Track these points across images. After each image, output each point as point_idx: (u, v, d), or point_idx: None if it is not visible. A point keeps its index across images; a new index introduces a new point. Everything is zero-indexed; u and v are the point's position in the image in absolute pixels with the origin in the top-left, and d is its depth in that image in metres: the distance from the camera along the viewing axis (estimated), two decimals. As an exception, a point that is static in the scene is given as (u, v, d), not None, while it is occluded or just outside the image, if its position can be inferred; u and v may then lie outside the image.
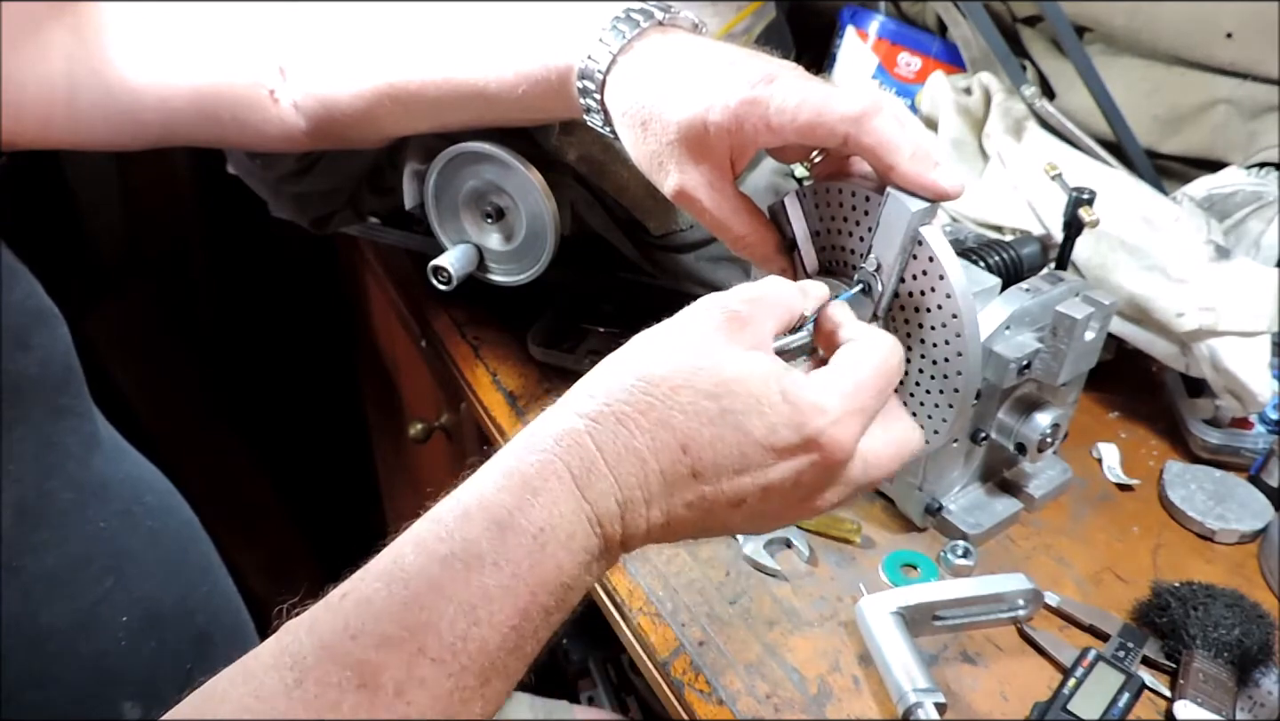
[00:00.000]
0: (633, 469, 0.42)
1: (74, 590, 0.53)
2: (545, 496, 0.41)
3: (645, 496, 0.42)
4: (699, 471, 0.42)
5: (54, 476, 0.54)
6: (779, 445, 0.43)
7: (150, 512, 0.60)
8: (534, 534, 0.40)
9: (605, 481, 0.42)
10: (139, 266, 1.70)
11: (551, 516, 0.41)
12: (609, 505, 0.42)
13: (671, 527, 0.43)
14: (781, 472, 0.43)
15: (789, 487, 0.44)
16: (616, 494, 0.42)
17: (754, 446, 0.42)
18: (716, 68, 0.54)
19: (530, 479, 0.41)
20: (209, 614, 0.61)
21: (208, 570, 0.64)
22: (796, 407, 0.43)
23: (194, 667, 0.58)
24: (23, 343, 0.54)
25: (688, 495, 0.43)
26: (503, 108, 0.63)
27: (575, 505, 0.41)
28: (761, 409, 0.42)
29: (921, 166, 0.51)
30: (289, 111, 0.68)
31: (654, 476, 0.42)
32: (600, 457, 0.42)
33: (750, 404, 0.42)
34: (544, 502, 0.41)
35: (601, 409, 0.42)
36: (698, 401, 0.42)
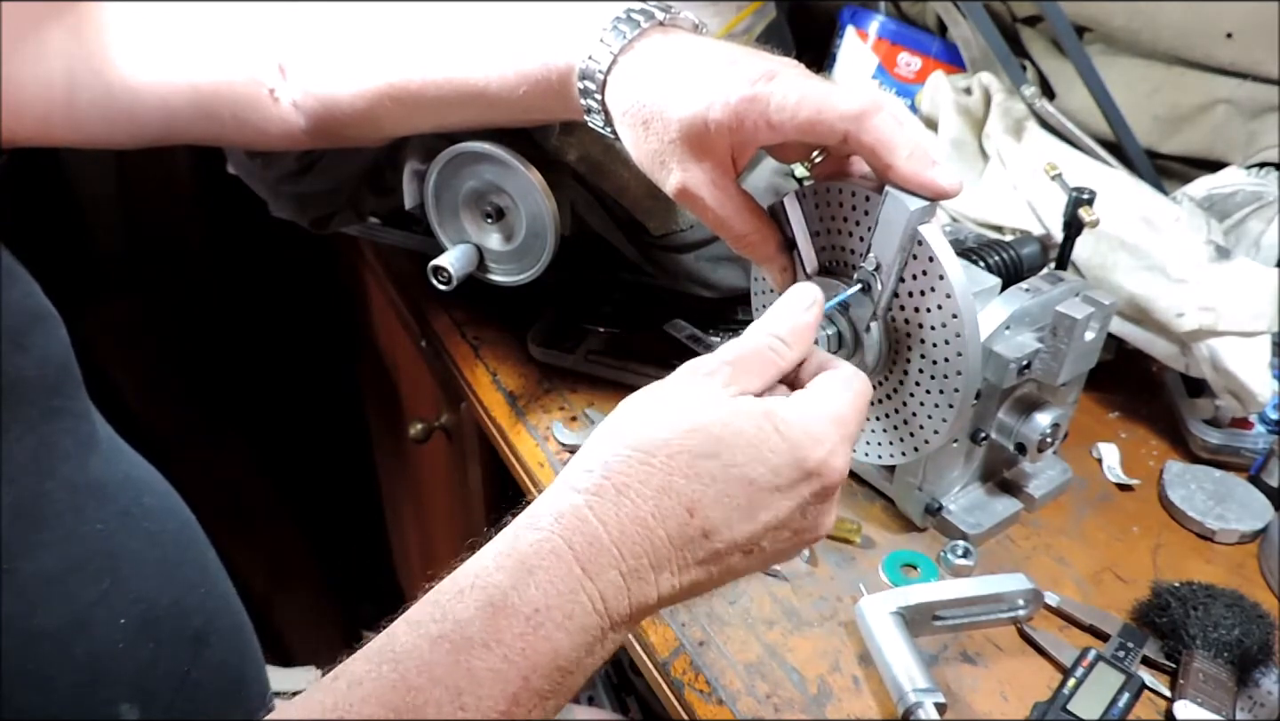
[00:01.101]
0: (638, 539, 0.41)
1: (70, 591, 0.53)
2: (542, 575, 0.40)
3: (652, 563, 0.42)
4: (709, 530, 0.42)
5: (51, 478, 0.54)
6: (783, 483, 0.43)
7: (148, 514, 0.60)
8: (528, 615, 0.39)
9: (608, 555, 0.41)
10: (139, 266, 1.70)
11: (548, 596, 0.40)
12: (612, 578, 0.41)
13: (686, 589, 0.43)
14: (789, 508, 0.44)
15: (797, 519, 0.45)
16: (620, 565, 0.41)
17: (760, 492, 0.43)
18: (717, 66, 0.54)
19: (527, 557, 0.40)
20: (206, 615, 0.60)
21: (205, 571, 0.64)
22: (796, 443, 0.44)
23: (191, 669, 0.58)
24: (19, 344, 0.54)
25: (699, 554, 0.42)
26: (503, 108, 0.63)
27: (574, 584, 0.40)
28: (762, 454, 0.43)
29: (919, 165, 0.51)
30: (289, 110, 0.68)
31: (661, 544, 0.42)
32: (603, 531, 0.41)
33: (750, 453, 0.43)
34: (540, 581, 0.40)
35: (600, 482, 0.42)
36: (696, 463, 0.42)
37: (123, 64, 0.66)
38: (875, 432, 0.65)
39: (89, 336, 1.49)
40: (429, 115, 0.67)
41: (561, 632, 0.39)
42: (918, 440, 0.62)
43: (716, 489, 0.42)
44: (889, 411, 0.63)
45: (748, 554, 0.44)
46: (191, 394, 1.80)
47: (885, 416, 0.64)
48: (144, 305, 1.74)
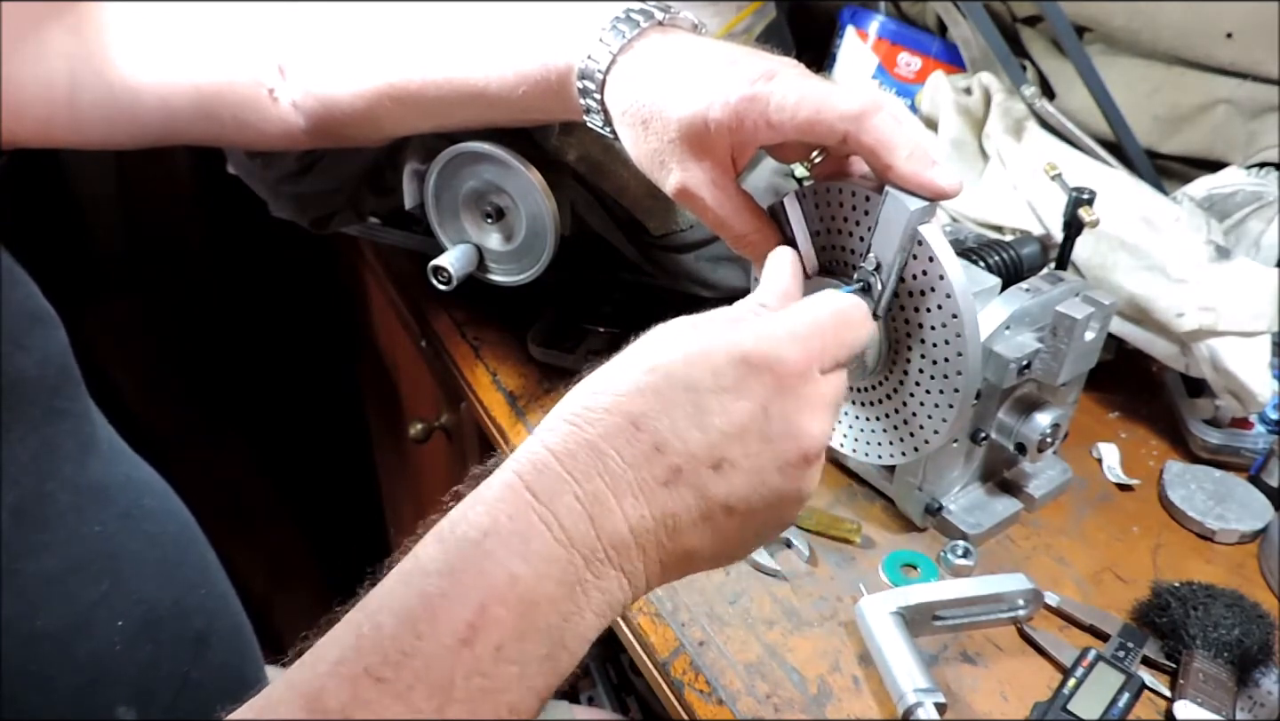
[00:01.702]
0: (588, 461, 0.40)
1: (71, 593, 0.53)
2: (491, 502, 0.39)
3: (610, 486, 0.39)
4: (659, 443, 0.40)
5: (52, 478, 0.54)
6: (728, 383, 0.41)
7: (148, 516, 0.60)
8: (476, 540, 0.38)
9: (559, 480, 0.39)
10: (139, 266, 1.70)
11: (496, 521, 0.38)
12: (568, 503, 0.39)
13: (663, 520, 0.40)
14: (744, 409, 0.41)
15: (760, 422, 0.41)
16: (575, 489, 0.39)
17: (704, 395, 0.41)
18: (717, 66, 0.54)
19: (481, 491, 0.40)
20: (206, 616, 0.60)
21: (205, 572, 0.64)
22: (735, 342, 0.42)
23: (191, 670, 0.58)
24: (20, 344, 0.54)
25: (658, 472, 0.40)
26: (503, 108, 0.63)
27: (524, 508, 0.39)
28: (704, 361, 0.42)
29: (919, 165, 0.51)
30: (288, 110, 0.68)
31: (614, 464, 0.40)
32: (551, 458, 0.40)
33: (691, 360, 0.42)
34: (490, 508, 0.39)
35: (554, 422, 0.42)
36: (640, 379, 0.41)
37: (123, 64, 0.66)
38: (875, 432, 0.65)
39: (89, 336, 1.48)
40: (428, 115, 0.67)
41: (518, 560, 0.38)
42: (918, 440, 0.62)
43: (659, 400, 0.41)
44: (889, 411, 0.63)
45: (717, 469, 0.40)
46: (191, 394, 1.80)
47: (885, 416, 0.64)
48: (144, 305, 1.74)
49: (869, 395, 0.64)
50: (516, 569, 0.38)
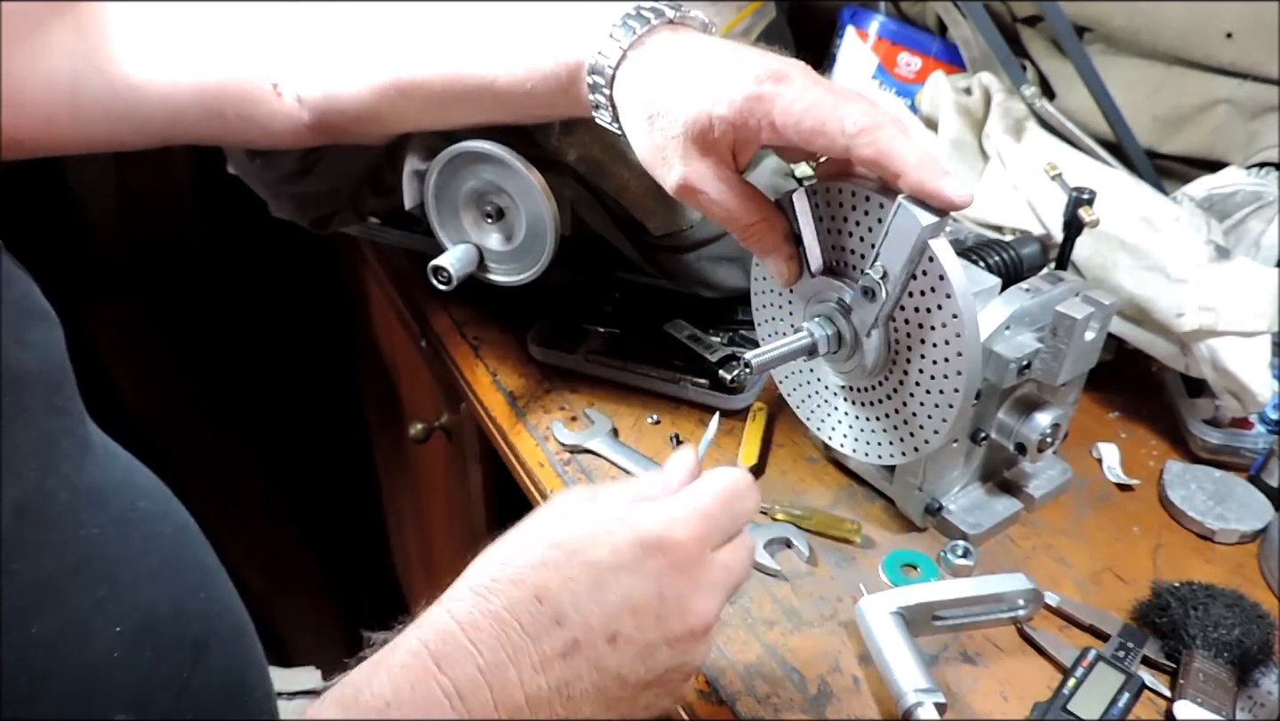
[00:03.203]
0: (492, 632, 0.42)
1: (67, 598, 0.52)
2: (395, 670, 0.41)
3: (510, 657, 0.42)
4: (559, 616, 0.42)
5: (53, 475, 0.54)
6: (626, 560, 0.44)
7: (144, 519, 0.60)
8: (379, 708, 0.40)
9: (462, 650, 0.41)
10: (139, 267, 1.70)
11: (399, 690, 0.40)
12: (468, 673, 0.41)
13: (558, 689, 0.42)
14: (640, 587, 0.44)
15: (656, 601, 0.44)
16: (477, 660, 0.41)
17: (604, 571, 0.43)
18: (725, 64, 0.54)
19: (386, 655, 0.42)
20: (205, 620, 0.60)
21: (204, 575, 0.63)
22: (634, 523, 0.45)
23: (191, 676, 0.57)
24: (20, 340, 0.54)
25: (556, 644, 0.42)
26: (509, 103, 0.63)
27: (426, 676, 0.41)
28: (603, 537, 0.44)
29: (928, 174, 0.51)
30: (293, 106, 0.68)
31: (515, 634, 0.42)
32: (457, 627, 0.42)
33: (592, 538, 0.44)
34: (391, 675, 0.41)
35: (460, 592, 0.44)
36: (545, 553, 0.44)
37: (126, 62, 0.66)
38: (875, 432, 0.65)
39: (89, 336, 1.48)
40: (434, 110, 0.67)
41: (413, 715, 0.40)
42: (918, 440, 0.62)
43: (561, 574, 0.43)
44: (889, 411, 0.63)
45: (612, 643, 0.43)
46: (191, 394, 1.80)
47: (885, 416, 0.64)
48: (144, 305, 1.74)
49: (869, 395, 0.64)
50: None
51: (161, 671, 0.56)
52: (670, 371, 0.79)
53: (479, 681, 0.41)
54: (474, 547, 0.47)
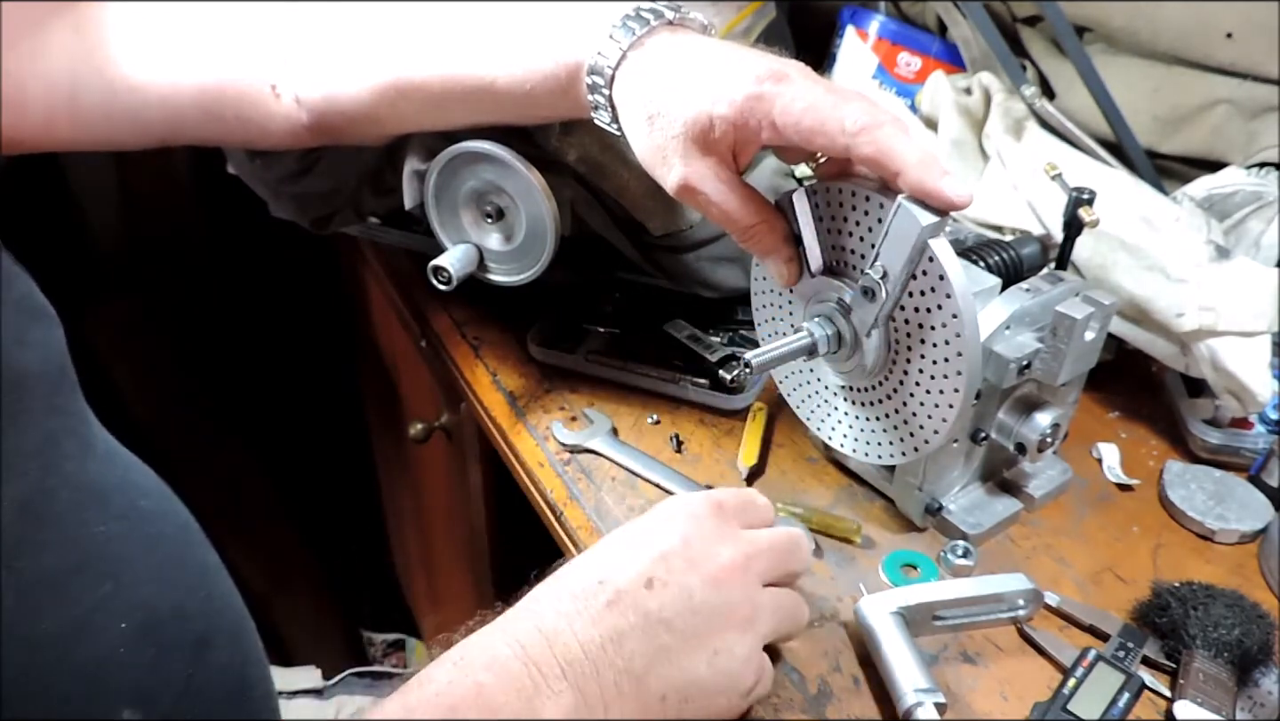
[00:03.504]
0: (547, 592, 0.50)
1: (71, 596, 0.53)
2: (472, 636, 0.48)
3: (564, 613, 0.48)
4: (603, 576, 0.49)
5: (55, 474, 0.54)
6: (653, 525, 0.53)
7: (146, 517, 0.60)
8: (455, 659, 0.47)
9: (525, 613, 0.49)
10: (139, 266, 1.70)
11: (470, 646, 0.48)
12: (528, 629, 0.48)
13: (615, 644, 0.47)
14: (665, 539, 0.51)
15: (682, 547, 0.51)
16: (538, 621, 0.48)
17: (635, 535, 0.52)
18: (725, 64, 0.54)
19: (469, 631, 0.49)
20: (208, 618, 0.60)
21: (206, 573, 0.63)
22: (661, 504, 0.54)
23: (194, 674, 0.57)
24: (21, 340, 0.54)
25: (602, 598, 0.49)
26: (509, 104, 0.63)
27: (494, 633, 0.48)
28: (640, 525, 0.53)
29: (928, 173, 0.51)
30: (291, 107, 0.68)
31: (567, 596, 0.49)
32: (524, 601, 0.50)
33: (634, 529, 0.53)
34: (469, 639, 0.48)
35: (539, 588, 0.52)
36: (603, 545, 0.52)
37: (126, 63, 0.66)
38: (875, 432, 0.65)
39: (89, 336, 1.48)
40: (433, 111, 0.67)
41: (488, 674, 0.45)
42: (918, 440, 0.62)
43: (605, 548, 0.52)
44: (889, 411, 0.63)
45: (649, 587, 0.49)
46: (191, 394, 1.79)
47: (885, 416, 0.64)
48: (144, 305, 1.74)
49: (869, 395, 0.64)
50: (482, 678, 0.45)
51: (164, 669, 0.56)
52: (670, 371, 0.79)
53: (537, 636, 0.47)
54: (474, 547, 0.48)
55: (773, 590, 0.53)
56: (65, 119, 0.66)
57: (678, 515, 0.52)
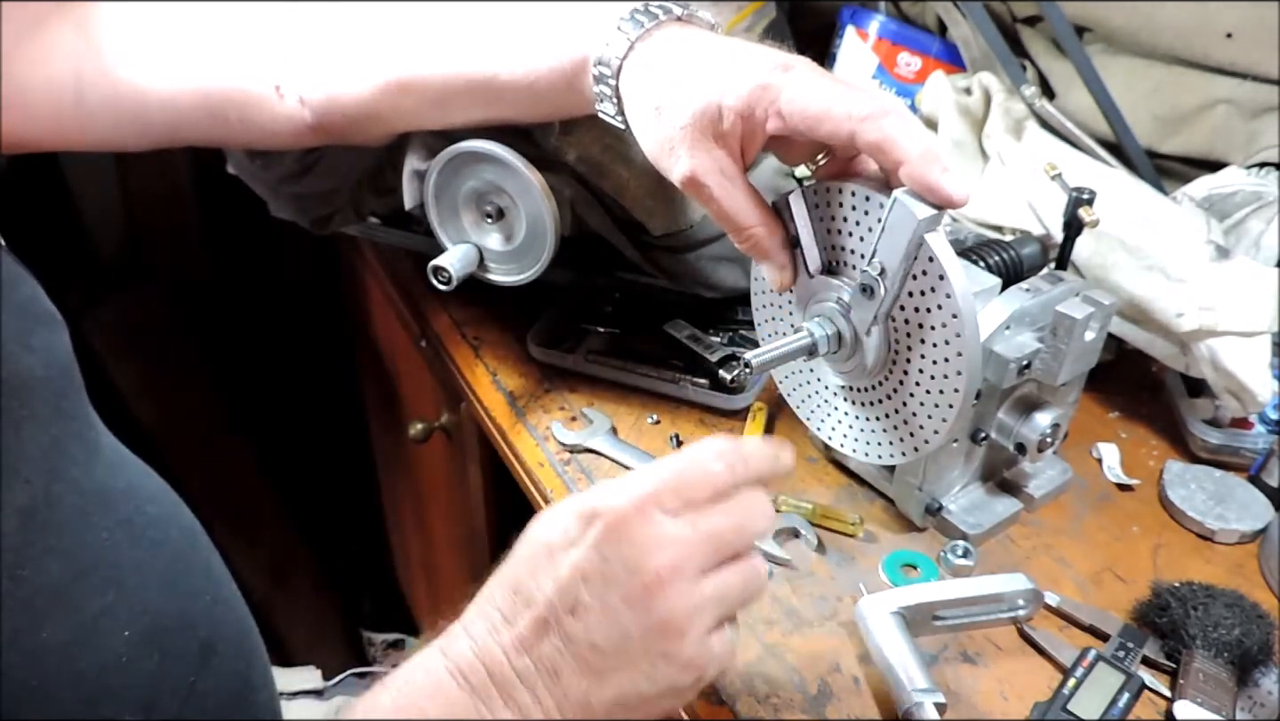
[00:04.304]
0: (480, 611, 0.48)
1: (75, 603, 0.52)
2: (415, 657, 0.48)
3: (495, 640, 0.47)
4: (528, 599, 0.46)
5: (60, 480, 0.54)
6: (571, 535, 0.47)
7: (151, 523, 0.59)
8: (400, 685, 0.46)
9: (458, 630, 0.48)
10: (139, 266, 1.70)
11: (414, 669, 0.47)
12: (465, 655, 0.46)
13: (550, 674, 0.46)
14: (583, 554, 0.46)
15: (600, 565, 0.46)
16: (472, 644, 0.47)
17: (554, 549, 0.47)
18: (733, 56, 0.54)
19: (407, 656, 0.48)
20: (212, 624, 0.60)
21: (210, 579, 0.63)
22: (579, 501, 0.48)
23: (197, 680, 0.57)
24: (25, 344, 0.54)
25: (528, 622, 0.46)
26: (511, 99, 0.63)
27: (436, 657, 0.47)
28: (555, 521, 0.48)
29: (929, 168, 0.51)
30: (295, 107, 0.68)
31: (497, 620, 0.47)
32: (459, 624, 0.48)
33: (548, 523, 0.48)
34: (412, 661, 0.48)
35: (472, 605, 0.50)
36: (519, 549, 0.49)
37: (129, 65, 0.66)
38: (875, 432, 0.65)
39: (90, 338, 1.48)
40: (436, 108, 0.67)
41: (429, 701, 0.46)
42: (918, 440, 0.62)
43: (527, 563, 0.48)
44: (889, 411, 0.63)
45: (573, 613, 0.45)
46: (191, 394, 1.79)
47: (885, 416, 0.64)
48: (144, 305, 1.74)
49: (869, 395, 0.64)
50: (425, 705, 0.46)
51: (169, 674, 0.56)
52: (670, 371, 0.79)
53: (474, 662, 0.46)
54: (474, 547, 0.48)
55: (719, 574, 0.48)
56: (70, 120, 0.67)
57: (591, 522, 0.47)
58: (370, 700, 0.46)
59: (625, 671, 0.46)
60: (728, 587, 0.48)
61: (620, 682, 0.46)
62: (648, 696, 0.47)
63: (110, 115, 0.67)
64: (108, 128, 0.68)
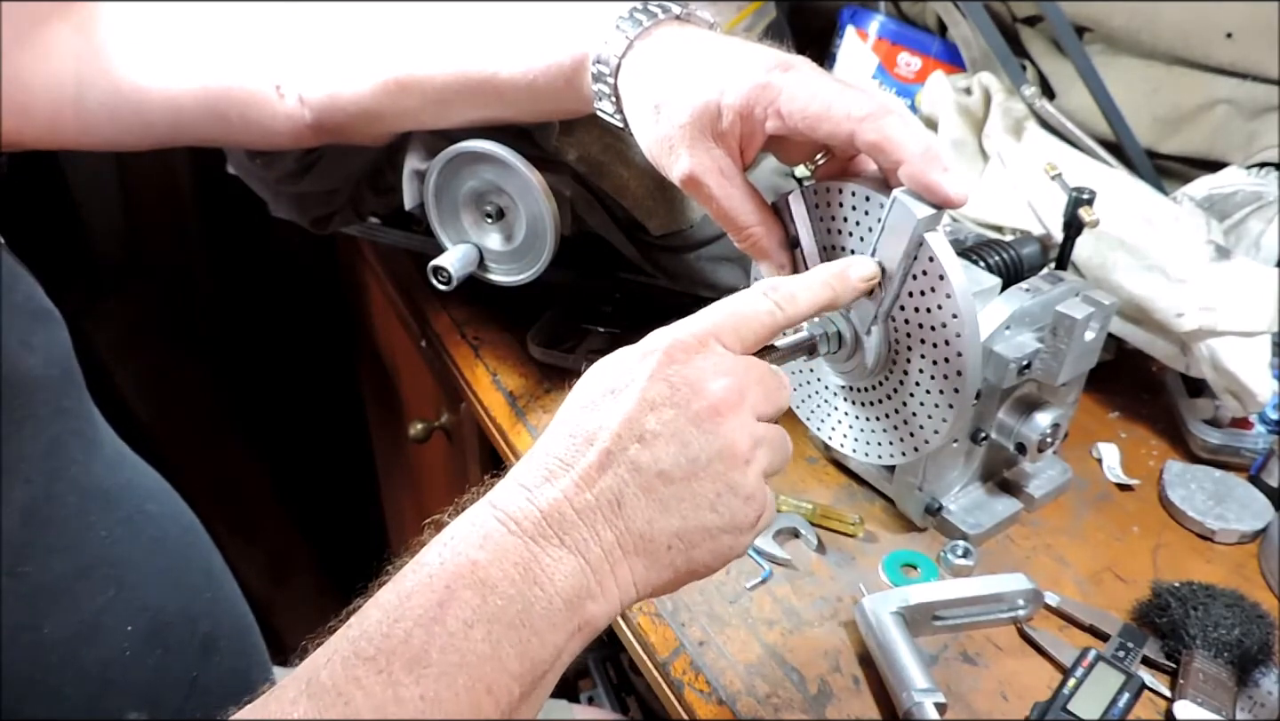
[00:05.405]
0: (531, 463, 0.45)
1: (77, 599, 0.53)
2: (462, 515, 0.45)
3: (545, 474, 0.44)
4: (590, 437, 0.45)
5: (61, 479, 0.54)
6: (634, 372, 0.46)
7: (152, 520, 0.60)
8: (445, 540, 0.43)
9: (509, 484, 0.45)
10: (139, 266, 1.70)
11: (459, 524, 0.44)
12: (518, 502, 0.44)
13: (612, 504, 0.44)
14: (650, 386, 0.45)
15: (668, 392, 0.45)
16: (526, 494, 0.44)
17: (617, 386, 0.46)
18: (733, 55, 0.54)
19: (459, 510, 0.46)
20: (213, 620, 0.60)
21: (210, 575, 0.63)
22: (636, 345, 0.48)
23: (199, 675, 0.57)
24: (26, 342, 0.54)
25: (592, 459, 0.44)
26: (511, 98, 0.63)
27: (484, 511, 0.44)
28: (615, 365, 0.47)
29: (929, 167, 0.51)
30: (295, 107, 0.68)
31: (555, 464, 0.45)
32: (511, 475, 0.46)
33: (606, 369, 0.47)
34: (458, 519, 0.45)
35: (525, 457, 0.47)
36: (574, 397, 0.47)
37: (130, 65, 0.66)
38: (875, 432, 0.65)
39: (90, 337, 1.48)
40: (436, 107, 0.67)
41: (477, 549, 0.42)
42: (918, 440, 0.62)
43: (586, 406, 0.46)
44: (889, 411, 0.63)
45: (641, 441, 0.44)
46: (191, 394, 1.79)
47: (885, 416, 0.64)
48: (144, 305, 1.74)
49: (869, 395, 0.64)
50: (475, 555, 0.42)
51: (171, 670, 0.56)
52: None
53: (529, 508, 0.43)
54: None
55: (765, 424, 0.48)
56: (71, 120, 0.67)
57: (658, 351, 0.47)
58: (418, 557, 0.44)
59: (689, 500, 0.45)
60: (773, 438, 0.48)
61: (684, 511, 0.45)
62: (709, 528, 0.46)
63: (110, 115, 0.67)
64: (108, 127, 0.68)
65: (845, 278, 0.53)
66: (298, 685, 0.39)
